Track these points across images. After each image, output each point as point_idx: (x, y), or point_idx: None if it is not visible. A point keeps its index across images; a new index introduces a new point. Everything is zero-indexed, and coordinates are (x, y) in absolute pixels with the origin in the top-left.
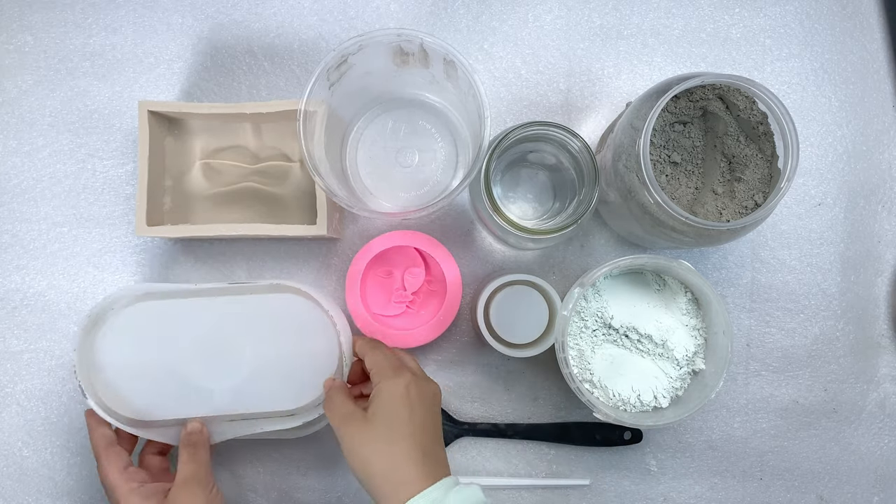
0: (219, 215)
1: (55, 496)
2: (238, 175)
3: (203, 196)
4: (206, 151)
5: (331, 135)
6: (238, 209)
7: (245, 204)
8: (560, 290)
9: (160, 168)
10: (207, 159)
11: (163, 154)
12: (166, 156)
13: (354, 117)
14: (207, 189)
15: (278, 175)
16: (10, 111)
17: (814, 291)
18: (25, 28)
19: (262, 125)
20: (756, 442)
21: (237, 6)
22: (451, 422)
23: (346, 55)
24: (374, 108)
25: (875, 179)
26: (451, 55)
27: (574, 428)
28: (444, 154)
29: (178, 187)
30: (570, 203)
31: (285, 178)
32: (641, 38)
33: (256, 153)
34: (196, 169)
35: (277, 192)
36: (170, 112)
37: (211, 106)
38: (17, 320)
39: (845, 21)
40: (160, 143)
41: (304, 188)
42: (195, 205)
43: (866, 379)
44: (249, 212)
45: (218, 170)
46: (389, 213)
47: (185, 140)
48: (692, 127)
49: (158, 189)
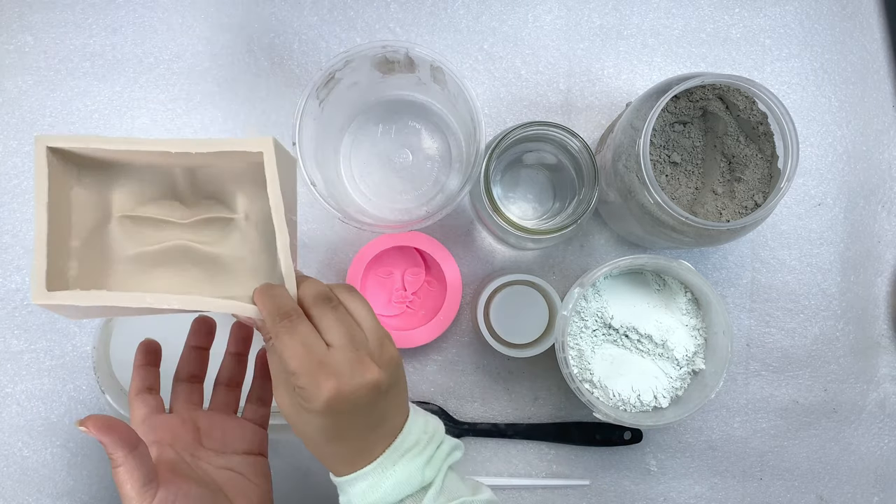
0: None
1: (55, 496)
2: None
3: (122, 258)
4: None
5: (324, 148)
6: (169, 274)
7: (178, 267)
8: (560, 290)
9: (64, 225)
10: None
11: (67, 208)
12: (72, 210)
13: (344, 127)
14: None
15: (217, 230)
16: (10, 111)
17: (814, 291)
18: (25, 28)
19: (196, 170)
20: (756, 442)
21: (237, 6)
22: (451, 422)
23: (333, 71)
24: (362, 114)
25: (875, 179)
26: (438, 62)
27: (574, 428)
28: (436, 151)
29: (88, 249)
30: (570, 203)
31: (227, 235)
32: (641, 38)
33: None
34: (113, 225)
35: (217, 253)
36: (77, 149)
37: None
38: (17, 320)
39: (845, 21)
40: (64, 193)
41: (250, 245)
42: (113, 269)
43: (866, 379)
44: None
45: (141, 226)
46: (395, 225)
47: (98, 189)
48: (692, 127)
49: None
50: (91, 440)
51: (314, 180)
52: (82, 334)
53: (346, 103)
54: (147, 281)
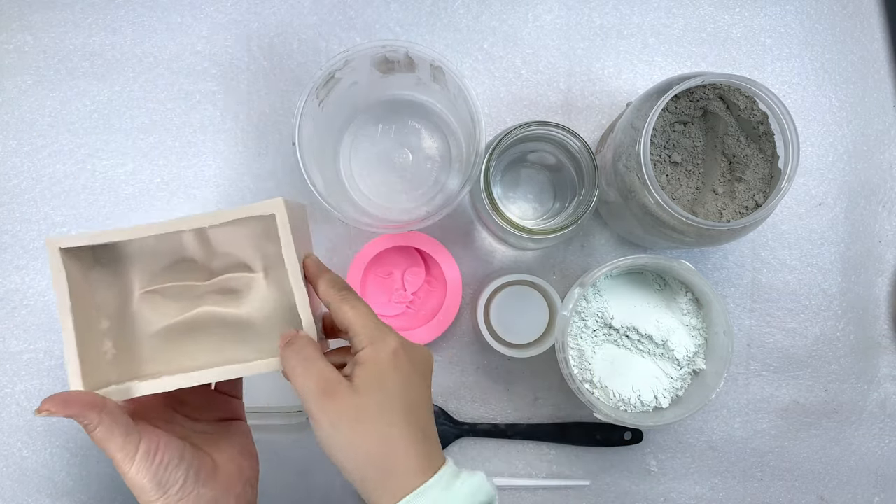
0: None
1: (55, 496)
2: (190, 298)
3: (152, 333)
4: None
5: (324, 148)
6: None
7: (207, 332)
8: (560, 290)
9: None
10: (148, 287)
11: (90, 291)
12: (96, 292)
13: (344, 127)
14: (155, 324)
15: (238, 290)
16: (10, 111)
17: (814, 291)
18: (25, 28)
19: (207, 231)
20: (756, 442)
21: (237, 6)
22: (451, 422)
23: (333, 71)
24: (362, 114)
25: (875, 179)
26: (437, 61)
27: (574, 428)
28: (436, 151)
29: (118, 328)
30: (570, 203)
31: (247, 294)
32: (641, 38)
33: (208, 266)
34: (137, 301)
35: (241, 313)
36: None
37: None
38: (17, 320)
39: (845, 21)
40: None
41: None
42: (145, 346)
43: (867, 379)
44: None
45: (164, 296)
46: (395, 225)
47: (115, 269)
48: (692, 127)
49: (94, 336)
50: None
51: (314, 180)
52: None
53: (346, 103)
54: (179, 352)
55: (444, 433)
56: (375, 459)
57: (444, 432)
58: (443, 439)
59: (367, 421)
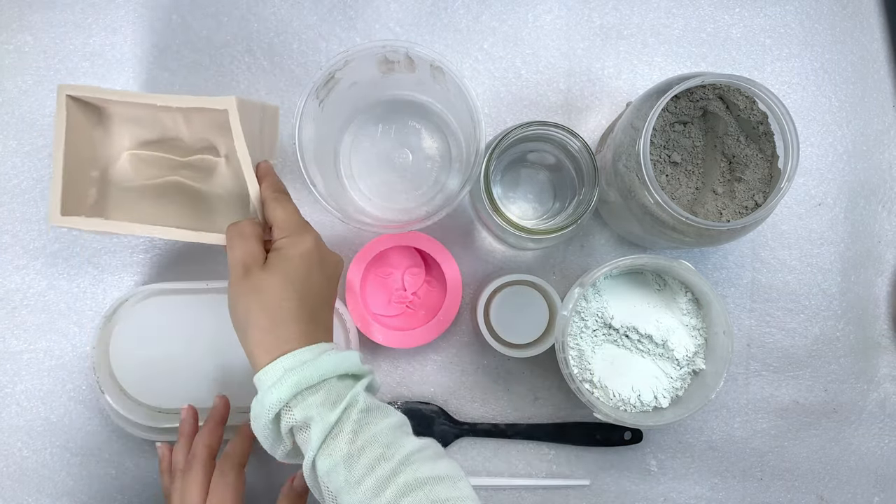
0: (142, 210)
1: (55, 496)
2: (166, 168)
3: (128, 188)
4: (135, 142)
5: (324, 148)
6: (162, 204)
7: (170, 199)
8: (560, 290)
9: (87, 158)
10: (136, 150)
11: (91, 144)
12: (95, 147)
13: (344, 127)
14: (132, 181)
15: (205, 169)
16: (10, 111)
17: (814, 291)
18: (25, 28)
19: (193, 115)
20: (756, 442)
21: (237, 6)
22: (450, 422)
23: (333, 71)
24: (362, 114)
25: (875, 179)
26: (438, 62)
27: (574, 428)
28: (436, 151)
29: (104, 179)
30: (570, 203)
31: (211, 174)
32: (641, 38)
33: (189, 145)
34: (123, 159)
35: (203, 189)
36: (86, 97)
37: (126, 93)
38: (17, 320)
39: (845, 21)
40: (87, 132)
41: (228, 187)
42: (120, 197)
43: (867, 379)
44: (173, 208)
45: (146, 161)
46: (395, 225)
47: (113, 131)
48: (692, 127)
49: (83, 180)
50: (90, 440)
51: (314, 180)
52: (82, 334)
53: (346, 103)
54: (146, 211)
55: (443, 433)
56: (264, 324)
57: (443, 432)
58: (443, 439)
59: (266, 293)
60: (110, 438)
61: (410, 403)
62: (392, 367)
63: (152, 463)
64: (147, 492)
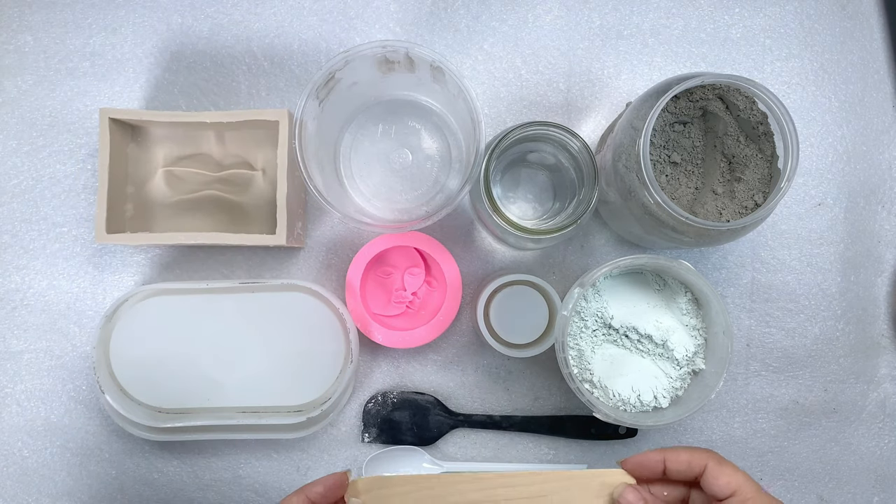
0: (180, 223)
1: (55, 496)
2: (200, 183)
3: (165, 204)
4: (169, 159)
5: (324, 148)
6: (200, 217)
7: (207, 212)
8: (560, 290)
9: (122, 175)
10: (170, 167)
11: (125, 161)
12: (129, 163)
13: (344, 127)
14: (169, 197)
15: (241, 183)
16: (10, 111)
17: (814, 291)
18: (25, 28)
19: (225, 133)
20: (756, 442)
21: (237, 6)
22: (446, 412)
23: (333, 71)
24: (362, 114)
25: (875, 179)
26: (438, 62)
27: (569, 421)
28: (436, 151)
29: (140, 195)
30: (570, 203)
31: (248, 187)
32: (641, 38)
33: (220, 161)
34: (158, 176)
35: (239, 201)
36: (131, 119)
37: (172, 114)
38: (17, 320)
39: (845, 21)
40: (122, 150)
41: (266, 197)
42: (157, 212)
43: (866, 379)
44: (211, 220)
45: (180, 177)
46: (395, 225)
47: (148, 147)
48: (692, 127)
49: (120, 196)
50: (90, 440)
51: (314, 180)
52: (82, 334)
53: (346, 103)
54: (183, 223)
55: (439, 424)
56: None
57: (439, 423)
58: (437, 430)
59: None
60: (110, 438)
61: (406, 394)
62: (392, 367)
63: (152, 463)
64: (147, 492)
